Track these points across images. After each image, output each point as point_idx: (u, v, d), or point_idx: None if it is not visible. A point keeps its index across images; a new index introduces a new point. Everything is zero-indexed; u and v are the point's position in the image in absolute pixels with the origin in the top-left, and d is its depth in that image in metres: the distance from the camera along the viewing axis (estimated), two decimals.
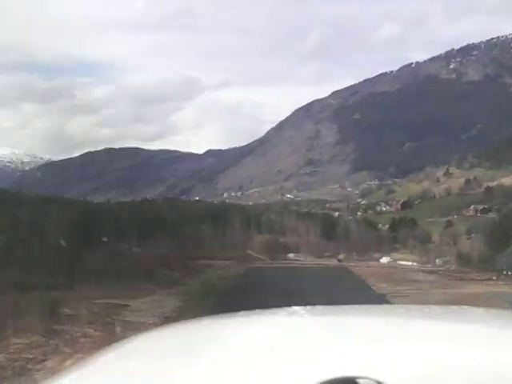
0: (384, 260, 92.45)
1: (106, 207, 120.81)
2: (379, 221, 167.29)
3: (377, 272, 53.77)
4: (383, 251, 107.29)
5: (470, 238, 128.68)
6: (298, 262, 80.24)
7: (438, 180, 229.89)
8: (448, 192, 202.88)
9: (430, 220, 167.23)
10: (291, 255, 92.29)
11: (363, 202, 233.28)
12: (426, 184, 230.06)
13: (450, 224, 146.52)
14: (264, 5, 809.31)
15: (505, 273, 53.49)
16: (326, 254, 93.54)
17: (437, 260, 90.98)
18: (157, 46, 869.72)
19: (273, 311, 2.71)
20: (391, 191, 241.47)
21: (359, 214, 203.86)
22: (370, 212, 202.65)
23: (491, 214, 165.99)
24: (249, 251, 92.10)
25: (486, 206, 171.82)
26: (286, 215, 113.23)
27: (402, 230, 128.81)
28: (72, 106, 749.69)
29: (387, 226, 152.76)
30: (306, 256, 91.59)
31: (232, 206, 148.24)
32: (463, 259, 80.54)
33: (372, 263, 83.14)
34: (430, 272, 56.71)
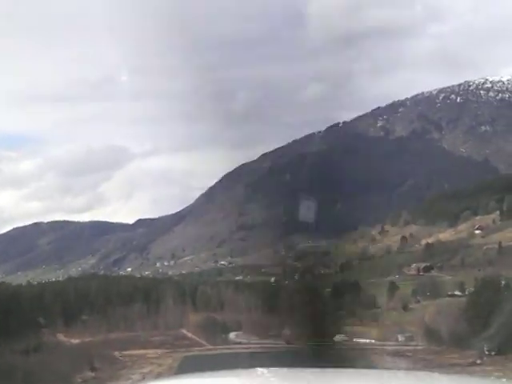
0: (337, 338, 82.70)
1: (28, 290, 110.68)
2: (319, 285, 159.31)
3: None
4: (330, 323, 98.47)
5: (418, 302, 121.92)
6: (241, 345, 71.20)
7: (373, 239, 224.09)
8: (387, 251, 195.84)
9: (371, 281, 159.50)
10: (232, 336, 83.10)
11: (300, 265, 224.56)
12: (361, 243, 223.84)
13: (393, 286, 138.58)
14: (187, 69, 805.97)
15: (488, 353, 44.73)
16: (271, 333, 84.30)
17: (399, 336, 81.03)
18: (83, 116, 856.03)
19: (237, 373, 2.68)
20: (327, 252, 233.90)
21: (296, 278, 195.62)
22: (308, 275, 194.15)
23: (434, 272, 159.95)
24: (184, 331, 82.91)
25: (427, 264, 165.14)
26: (223, 287, 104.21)
27: (346, 296, 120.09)
28: None
29: (329, 290, 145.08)
30: (248, 336, 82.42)
31: (164, 280, 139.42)
32: (428, 334, 71.77)
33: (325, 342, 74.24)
34: (397, 354, 48.35)
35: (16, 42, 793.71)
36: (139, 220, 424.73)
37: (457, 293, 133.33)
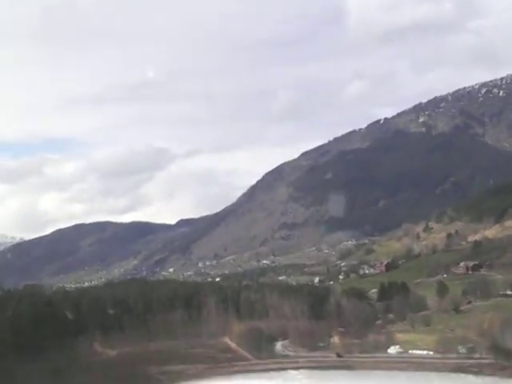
0: (392, 350, 75.84)
1: (64, 296, 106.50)
2: (365, 285, 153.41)
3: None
4: (380, 328, 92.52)
5: (469, 303, 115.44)
6: (289, 359, 65.77)
7: (418, 236, 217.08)
8: (433, 249, 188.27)
9: (418, 281, 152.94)
10: (279, 346, 77.58)
11: (343, 264, 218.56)
12: (406, 241, 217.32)
13: (442, 286, 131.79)
14: (227, 70, 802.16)
15: None
16: (320, 345, 78.38)
17: (459, 347, 73.15)
18: (124, 118, 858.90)
19: (270, 375, 2.77)
20: (371, 251, 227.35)
21: (341, 277, 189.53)
22: (352, 275, 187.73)
23: (483, 271, 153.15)
24: (227, 341, 77.84)
25: (476, 263, 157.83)
26: (267, 292, 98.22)
27: (395, 298, 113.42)
28: (42, 184, 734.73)
29: (375, 291, 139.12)
30: (295, 347, 76.71)
31: (206, 284, 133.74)
32: (493, 346, 64.63)
33: (379, 356, 67.94)
34: (460, 368, 42.65)
35: (56, 48, 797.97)
36: (181, 220, 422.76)
37: (509, 292, 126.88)
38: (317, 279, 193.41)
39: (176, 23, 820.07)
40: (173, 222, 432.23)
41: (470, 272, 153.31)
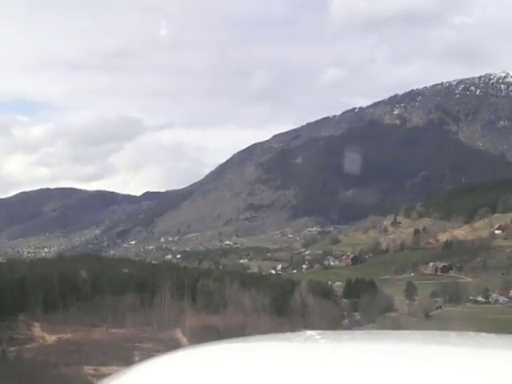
0: None
1: (11, 267, 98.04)
2: (330, 277, 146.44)
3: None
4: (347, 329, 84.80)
5: (439, 308, 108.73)
6: None
7: (385, 229, 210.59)
8: (401, 245, 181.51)
9: (384, 278, 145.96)
10: None
11: (307, 252, 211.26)
12: (372, 233, 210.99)
13: (411, 286, 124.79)
14: (207, 46, 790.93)
15: None
16: None
17: None
18: (97, 85, 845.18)
19: (286, 336, 2.90)
20: (336, 240, 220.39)
21: (304, 267, 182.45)
22: (316, 266, 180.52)
23: (452, 273, 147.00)
24: (179, 337, 69.77)
25: (446, 264, 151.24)
26: (227, 282, 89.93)
27: (362, 296, 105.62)
28: (9, 145, 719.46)
29: (340, 284, 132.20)
30: None
31: (163, 267, 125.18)
32: None
33: None
34: None
35: (33, 7, 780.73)
36: (147, 193, 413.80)
37: (480, 299, 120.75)
38: (280, 266, 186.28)
39: None
40: (138, 193, 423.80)
41: (438, 273, 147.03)
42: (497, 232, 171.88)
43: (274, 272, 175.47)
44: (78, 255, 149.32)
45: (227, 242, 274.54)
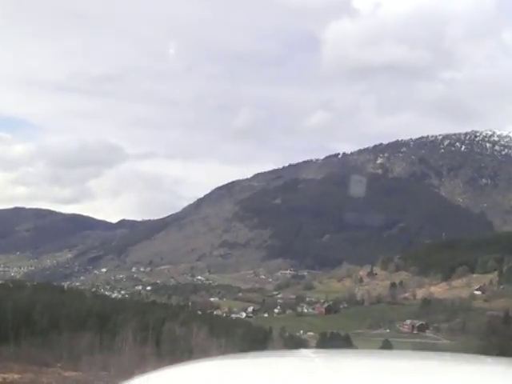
0: None
1: None
2: (301, 326, 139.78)
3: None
4: None
5: None
6: None
7: (361, 280, 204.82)
8: (377, 298, 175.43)
9: (359, 332, 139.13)
10: None
11: (280, 295, 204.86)
12: (347, 283, 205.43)
13: (387, 344, 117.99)
14: (194, 78, 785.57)
15: None
16: None
17: None
18: (81, 109, 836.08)
19: (280, 353, 2.96)
20: (310, 286, 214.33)
21: (276, 311, 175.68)
22: (289, 312, 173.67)
23: (429, 332, 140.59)
24: None
25: (423, 323, 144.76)
26: (196, 326, 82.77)
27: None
28: None
29: (312, 334, 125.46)
30: None
31: (129, 304, 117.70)
32: None
33: None
34: None
35: (23, 27, 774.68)
36: (123, 220, 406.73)
37: None
38: (251, 308, 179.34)
39: (148, 21, 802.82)
40: (114, 220, 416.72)
41: (415, 332, 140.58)
42: (476, 293, 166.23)
43: (244, 314, 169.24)
44: (40, 283, 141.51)
45: (199, 277, 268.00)
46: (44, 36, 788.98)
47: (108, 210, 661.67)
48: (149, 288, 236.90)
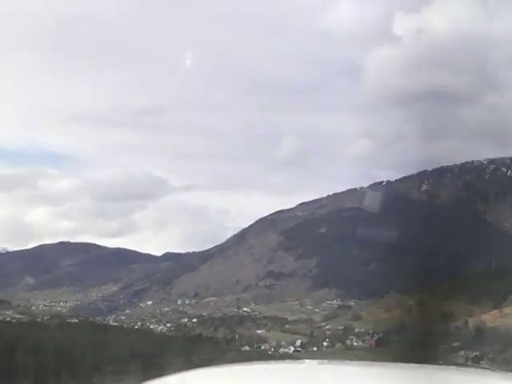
0: None
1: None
2: (352, 359, 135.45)
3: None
4: None
5: None
6: None
7: (409, 309, 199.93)
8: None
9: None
10: None
11: (328, 327, 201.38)
12: (395, 313, 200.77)
13: None
14: (234, 109, 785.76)
15: None
16: None
17: None
18: (125, 142, 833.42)
19: (284, 365, 3.11)
20: (358, 317, 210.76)
21: (325, 344, 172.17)
22: (338, 345, 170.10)
23: (484, 364, 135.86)
24: None
25: (477, 354, 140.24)
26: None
27: None
28: (34, 196, 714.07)
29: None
30: None
31: (174, 340, 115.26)
32: None
33: None
34: None
35: (65, 61, 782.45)
36: (167, 253, 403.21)
37: None
38: (299, 341, 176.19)
39: (189, 53, 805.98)
40: (158, 253, 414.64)
41: (469, 363, 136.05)
42: None
43: (292, 348, 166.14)
44: (83, 319, 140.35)
45: (245, 309, 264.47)
46: (86, 70, 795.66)
47: (152, 242, 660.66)
48: (194, 320, 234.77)
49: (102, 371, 72.05)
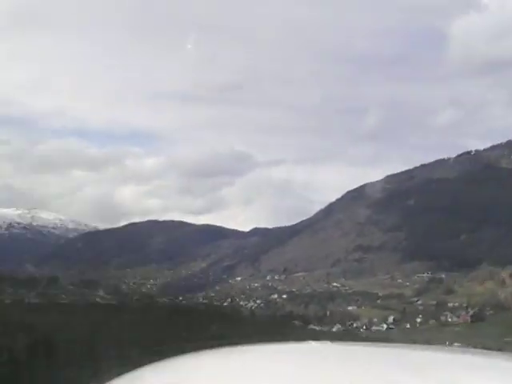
0: None
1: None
2: (447, 337, 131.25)
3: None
4: None
5: None
6: None
7: (503, 282, 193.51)
8: None
9: (508, 340, 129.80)
10: None
11: (419, 303, 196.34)
12: (489, 285, 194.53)
13: None
14: (320, 81, 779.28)
15: None
16: None
17: None
18: (209, 119, 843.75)
19: (289, 346, 3.18)
20: (450, 291, 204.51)
21: (418, 321, 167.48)
22: (431, 322, 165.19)
23: None
24: None
25: None
26: None
27: None
28: (122, 176, 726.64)
29: (457, 345, 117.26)
30: None
31: (266, 321, 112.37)
32: None
33: None
34: None
35: (148, 41, 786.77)
36: (254, 228, 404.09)
37: None
38: (391, 318, 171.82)
39: (272, 26, 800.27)
40: (246, 229, 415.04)
41: None
42: None
43: (385, 326, 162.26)
44: (169, 302, 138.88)
45: (335, 284, 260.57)
46: (168, 47, 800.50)
47: (239, 218, 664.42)
48: (284, 296, 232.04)
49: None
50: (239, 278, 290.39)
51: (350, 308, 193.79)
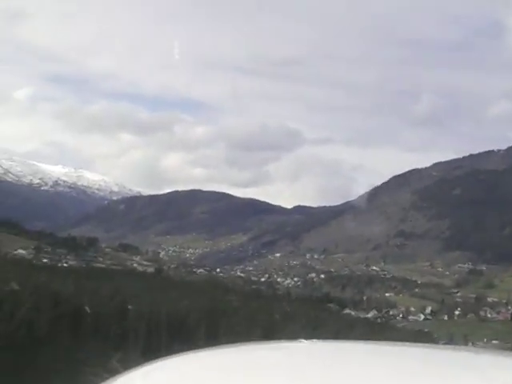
0: None
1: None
2: (485, 333, 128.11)
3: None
4: None
5: None
6: None
7: None
8: None
9: None
10: None
11: (459, 294, 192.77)
12: None
13: None
14: (374, 63, 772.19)
15: None
16: None
17: None
18: (261, 92, 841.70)
19: (278, 344, 3.16)
20: (490, 285, 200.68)
21: (457, 313, 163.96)
22: (470, 316, 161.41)
23: None
24: None
25: None
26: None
27: None
28: (169, 142, 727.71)
29: (496, 343, 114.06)
30: None
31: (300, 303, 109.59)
32: None
33: None
34: None
35: (204, 8, 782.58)
36: (298, 206, 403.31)
37: None
38: (429, 309, 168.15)
39: (328, 5, 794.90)
40: (290, 206, 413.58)
41: None
42: None
43: (422, 316, 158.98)
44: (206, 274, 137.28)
45: (373, 268, 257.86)
46: (225, 18, 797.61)
47: (284, 194, 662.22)
48: (322, 276, 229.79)
49: (217, 339, 67.72)
50: (278, 255, 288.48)
51: (387, 294, 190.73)
